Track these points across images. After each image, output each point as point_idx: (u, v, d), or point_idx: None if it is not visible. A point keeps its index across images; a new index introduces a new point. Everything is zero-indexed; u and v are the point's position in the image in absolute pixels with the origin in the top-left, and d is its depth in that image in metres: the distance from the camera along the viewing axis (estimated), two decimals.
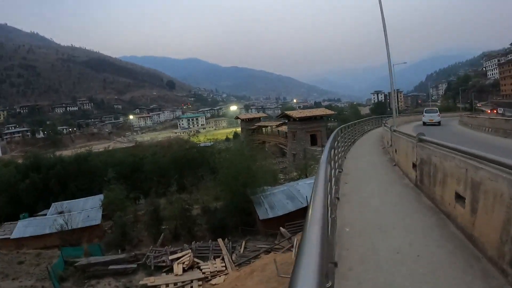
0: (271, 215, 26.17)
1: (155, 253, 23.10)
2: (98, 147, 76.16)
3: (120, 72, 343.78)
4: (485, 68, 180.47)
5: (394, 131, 14.23)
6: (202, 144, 66.71)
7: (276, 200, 28.00)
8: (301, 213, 25.32)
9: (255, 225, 27.90)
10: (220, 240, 23.94)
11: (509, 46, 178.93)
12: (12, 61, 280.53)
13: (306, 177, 39.34)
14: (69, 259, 23.37)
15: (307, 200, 26.05)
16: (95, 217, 31.68)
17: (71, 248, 26.02)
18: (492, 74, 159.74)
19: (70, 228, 28.41)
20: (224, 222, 27.26)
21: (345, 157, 15.32)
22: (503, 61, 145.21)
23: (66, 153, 57.34)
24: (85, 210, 33.25)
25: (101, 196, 34.79)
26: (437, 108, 43.84)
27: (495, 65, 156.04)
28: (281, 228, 24.18)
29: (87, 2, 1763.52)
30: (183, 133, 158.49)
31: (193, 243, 24.24)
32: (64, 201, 36.15)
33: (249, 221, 28.25)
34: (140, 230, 30.07)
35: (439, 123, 35.11)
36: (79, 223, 30.37)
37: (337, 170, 10.52)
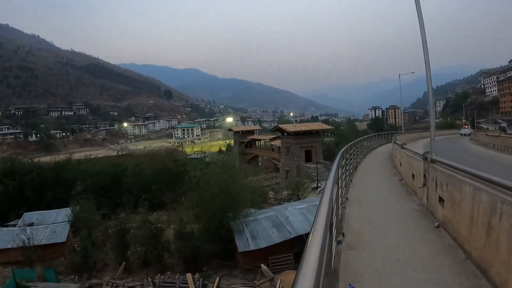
0: (252, 247, 22.14)
1: (111, 286, 19.58)
2: (91, 153, 73.05)
3: (118, 79, 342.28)
4: (483, 85, 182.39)
5: (436, 162, 8.20)
6: (192, 156, 63.40)
7: (260, 229, 23.96)
8: (289, 245, 22.15)
9: (236, 255, 23.71)
10: (189, 276, 19.83)
11: (508, 63, 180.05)
12: (10, 62, 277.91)
13: (298, 198, 36.21)
14: (21, 282, 20.24)
15: (296, 230, 23.00)
16: (61, 234, 28.42)
17: (25, 270, 22.90)
18: (491, 91, 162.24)
19: (32, 244, 25.36)
20: (198, 251, 23.26)
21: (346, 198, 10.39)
22: (502, 78, 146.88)
23: (46, 159, 54.01)
24: (52, 225, 30.00)
25: (68, 210, 31.54)
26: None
27: (494, 82, 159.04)
28: (262, 265, 20.36)
29: (90, 7, 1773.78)
30: (177, 143, 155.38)
31: (157, 277, 20.55)
32: (36, 211, 33.62)
33: (230, 250, 24.21)
34: (108, 252, 26.84)
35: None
36: (43, 239, 27.34)
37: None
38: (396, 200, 10.61)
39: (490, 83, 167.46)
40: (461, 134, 53.04)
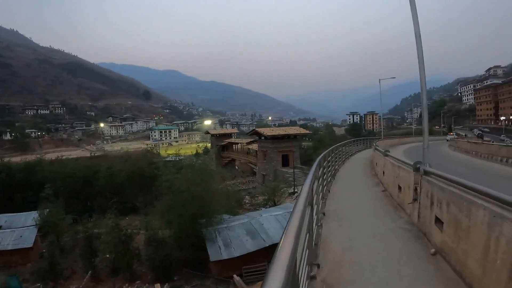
0: (225, 256, 21.39)
1: None
2: (63, 154, 71.23)
3: (97, 78, 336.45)
4: (460, 93, 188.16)
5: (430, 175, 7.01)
6: (168, 159, 62.30)
7: (233, 236, 23.16)
8: (264, 254, 21.28)
9: (208, 264, 22.65)
10: (158, 286, 19.22)
11: (484, 73, 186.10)
12: None
13: (275, 204, 35.75)
14: None
15: (271, 238, 22.32)
16: (28, 239, 27.53)
17: None
18: (467, 99, 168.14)
19: None
20: (169, 260, 22.29)
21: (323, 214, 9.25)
22: (479, 86, 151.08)
23: (17, 159, 52.61)
24: (19, 229, 29.02)
25: (35, 214, 30.40)
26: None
27: (471, 90, 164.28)
28: (235, 276, 19.62)
29: (71, 4, 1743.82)
30: (154, 145, 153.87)
31: (125, 287, 19.85)
32: (5, 214, 32.57)
33: (202, 258, 23.17)
34: (77, 259, 25.82)
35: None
36: (9, 244, 26.46)
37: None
38: (381, 216, 9.13)
39: (467, 91, 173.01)
40: (447, 140, 57.33)
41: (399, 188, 9.94)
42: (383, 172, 13.86)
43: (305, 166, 51.75)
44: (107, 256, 23.88)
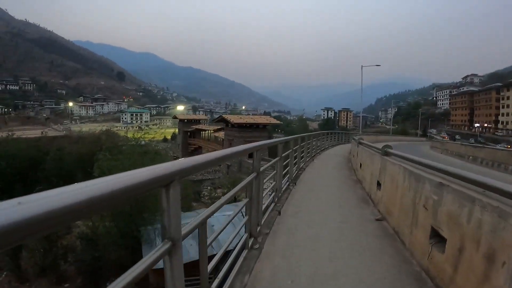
0: (161, 265, 17.73)
1: None
2: (30, 133, 67.55)
3: (70, 56, 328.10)
4: (435, 97, 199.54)
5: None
6: (135, 143, 58.96)
7: None
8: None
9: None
10: None
11: (461, 80, 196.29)
12: None
13: (235, 199, 32.63)
14: None
15: (221, 243, 19.13)
16: None
17: None
18: (442, 104, 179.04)
19: None
20: (100, 263, 19.14)
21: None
22: (455, 92, 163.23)
23: None
24: None
25: None
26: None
27: (447, 96, 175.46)
28: None
29: None
30: (124, 128, 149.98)
31: None
32: None
33: None
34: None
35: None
36: None
37: None
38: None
39: (443, 96, 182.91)
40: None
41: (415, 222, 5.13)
42: (380, 185, 8.08)
43: (273, 159, 49.64)
44: (32, 254, 20.92)
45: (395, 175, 6.58)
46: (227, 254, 4.32)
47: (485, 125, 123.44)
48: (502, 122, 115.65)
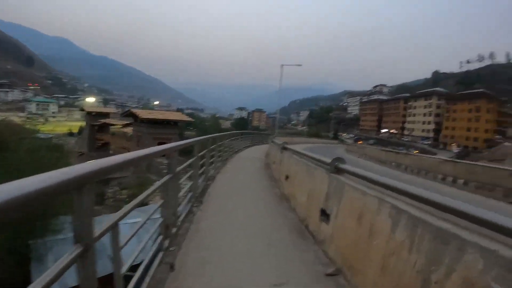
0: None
1: None
2: None
3: None
4: (346, 103, 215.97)
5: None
6: (42, 136, 53.83)
7: None
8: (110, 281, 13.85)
9: None
10: None
11: (371, 89, 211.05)
12: None
13: (142, 205, 29.96)
14: None
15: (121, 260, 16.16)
16: None
17: None
18: (353, 110, 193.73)
19: None
20: None
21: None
22: (366, 100, 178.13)
23: None
24: None
25: None
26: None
27: (357, 102, 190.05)
28: None
29: None
30: (28, 118, 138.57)
31: None
32: None
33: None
34: None
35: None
36: None
37: None
38: None
39: (353, 103, 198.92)
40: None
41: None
42: (325, 215, 5.59)
43: (183, 158, 47.90)
44: None
45: (366, 213, 4.10)
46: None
47: (392, 131, 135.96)
48: (408, 129, 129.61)
